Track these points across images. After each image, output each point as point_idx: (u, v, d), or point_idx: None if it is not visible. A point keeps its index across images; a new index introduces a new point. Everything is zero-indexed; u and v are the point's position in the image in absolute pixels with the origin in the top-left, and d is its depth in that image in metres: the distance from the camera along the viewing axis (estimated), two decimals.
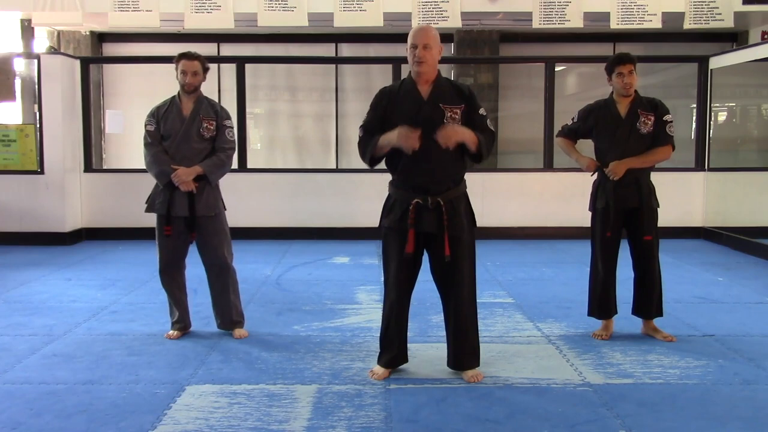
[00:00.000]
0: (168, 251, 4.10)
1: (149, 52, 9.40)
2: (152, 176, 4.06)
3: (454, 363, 3.48)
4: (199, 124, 4.03)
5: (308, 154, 10.17)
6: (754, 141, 9.45)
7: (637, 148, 3.99)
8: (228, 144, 4.11)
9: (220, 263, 4.12)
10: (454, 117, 3.31)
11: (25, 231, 7.57)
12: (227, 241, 4.15)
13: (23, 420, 2.95)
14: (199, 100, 4.08)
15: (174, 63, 4.06)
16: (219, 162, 4.06)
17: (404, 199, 3.35)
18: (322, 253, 7.09)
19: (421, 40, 3.28)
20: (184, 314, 4.19)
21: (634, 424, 2.92)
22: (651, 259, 4.07)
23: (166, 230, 4.01)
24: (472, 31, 9.51)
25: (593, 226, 4.15)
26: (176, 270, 4.17)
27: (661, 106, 4.04)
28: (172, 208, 4.00)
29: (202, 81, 4.08)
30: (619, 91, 4.04)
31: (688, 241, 7.72)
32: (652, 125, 3.98)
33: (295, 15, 7.54)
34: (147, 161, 4.06)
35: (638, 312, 4.18)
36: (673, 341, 4.04)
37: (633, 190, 4.01)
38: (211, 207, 4.07)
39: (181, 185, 3.96)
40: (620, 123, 4.02)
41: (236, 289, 4.22)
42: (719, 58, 7.98)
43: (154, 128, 4.05)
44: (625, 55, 4.03)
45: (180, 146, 4.01)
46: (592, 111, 4.16)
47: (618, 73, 4.01)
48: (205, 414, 3.02)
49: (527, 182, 8.17)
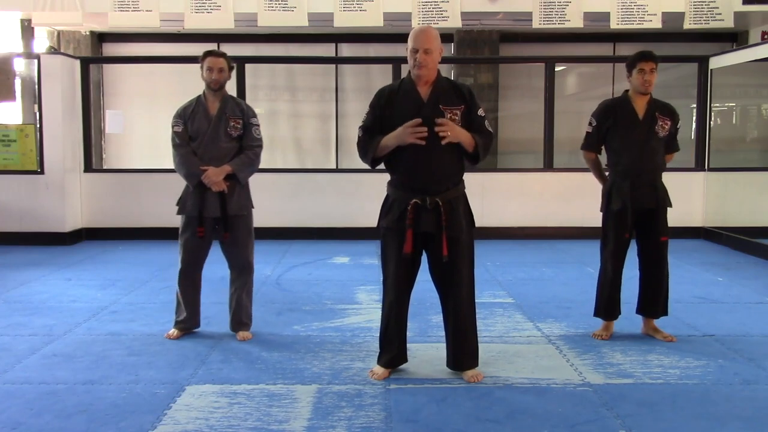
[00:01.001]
0: (194, 252, 4.09)
1: (149, 52, 9.40)
2: (182, 178, 4.06)
3: (454, 363, 3.48)
4: (226, 123, 4.02)
5: (308, 154, 10.17)
6: (754, 141, 9.45)
7: (654, 150, 4.00)
8: (256, 142, 4.10)
9: (243, 263, 4.13)
10: (454, 118, 3.31)
11: (25, 231, 7.57)
12: (252, 241, 4.17)
13: (23, 420, 2.95)
14: (224, 98, 4.07)
15: (199, 61, 4.05)
16: (248, 160, 4.05)
17: (403, 199, 3.35)
18: (322, 253, 7.09)
19: (422, 44, 3.28)
20: (192, 315, 4.18)
21: (634, 424, 2.92)
22: (662, 260, 4.07)
23: (199, 231, 4.00)
24: (472, 31, 9.51)
25: (605, 227, 4.12)
26: (198, 271, 4.16)
27: (676, 113, 4.09)
28: (203, 209, 3.99)
29: (227, 78, 4.07)
30: (637, 89, 4.00)
31: (688, 241, 7.72)
32: (668, 130, 4.02)
33: (295, 15, 7.54)
34: (176, 162, 4.05)
35: (643, 311, 4.16)
36: (673, 341, 4.04)
37: (650, 191, 4.00)
38: (243, 206, 4.08)
39: (212, 186, 3.95)
40: (637, 124, 4.00)
41: (250, 291, 4.22)
42: (719, 58, 7.98)
43: (182, 129, 4.04)
44: (649, 53, 4.01)
45: (208, 146, 4.00)
46: (610, 109, 4.09)
47: (639, 70, 3.96)
48: (205, 414, 3.02)
49: (527, 182, 8.16)
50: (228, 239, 4.07)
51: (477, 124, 3.37)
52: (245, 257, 4.13)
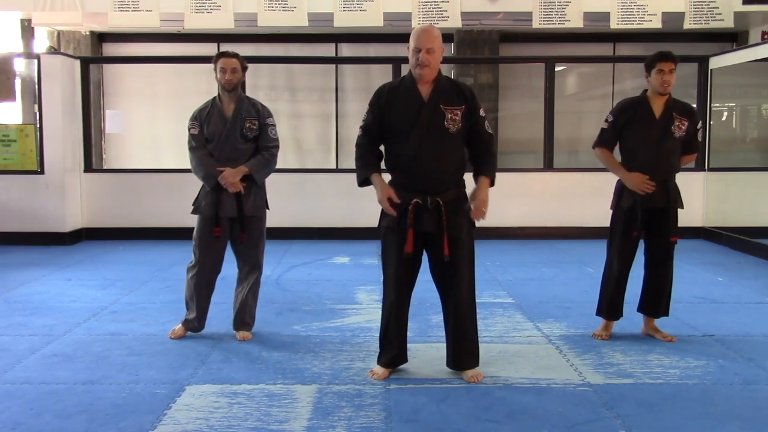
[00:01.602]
0: (211, 254, 4.07)
1: (149, 52, 9.40)
2: (199, 179, 4.06)
3: (454, 363, 3.48)
4: (242, 124, 4.01)
5: (308, 154, 10.17)
6: (754, 141, 9.45)
7: (669, 150, 3.98)
8: (272, 143, 4.10)
9: (254, 263, 4.14)
10: (455, 118, 3.31)
11: (25, 231, 7.56)
12: (263, 242, 4.18)
13: (23, 420, 2.95)
14: (240, 99, 4.06)
15: (212, 63, 4.05)
16: (264, 161, 4.06)
17: (404, 199, 3.35)
18: (322, 253, 7.09)
19: (425, 43, 3.27)
20: (201, 316, 4.16)
21: (634, 424, 2.92)
22: (668, 260, 4.06)
23: (216, 231, 4.00)
24: (472, 31, 9.51)
25: (614, 224, 4.10)
26: (215, 274, 4.15)
27: (695, 113, 4.08)
28: (219, 209, 3.99)
29: (241, 79, 4.06)
30: (656, 89, 3.97)
31: (688, 241, 7.70)
32: (685, 130, 3.99)
33: (295, 15, 7.54)
34: (193, 165, 4.05)
35: (645, 310, 4.15)
36: (673, 341, 4.04)
37: (661, 190, 3.97)
38: (259, 207, 4.09)
39: (229, 187, 3.95)
40: (654, 123, 3.97)
41: (256, 292, 4.21)
42: (719, 58, 7.98)
43: (198, 131, 4.04)
44: (668, 53, 3.99)
45: (224, 148, 4.00)
46: (628, 107, 4.05)
47: (659, 70, 3.93)
48: (205, 414, 3.02)
49: (527, 182, 8.16)
50: (245, 240, 4.07)
51: (478, 126, 3.38)
52: (256, 258, 4.14)
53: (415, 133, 3.31)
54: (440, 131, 3.31)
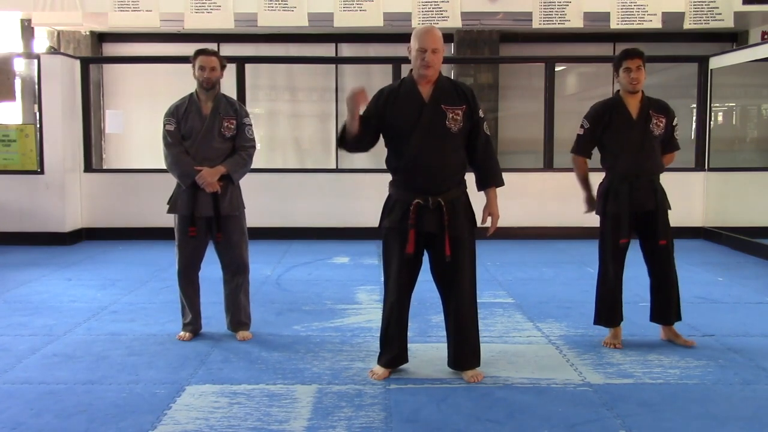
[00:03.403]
0: (189, 253, 4.07)
1: (149, 52, 9.40)
2: (174, 178, 4.03)
3: (455, 363, 3.48)
4: (219, 123, 3.99)
5: (308, 154, 10.17)
6: (754, 141, 9.46)
7: (650, 150, 3.90)
8: (249, 143, 4.08)
9: (238, 263, 4.12)
10: (456, 118, 3.31)
11: (25, 231, 7.56)
12: (246, 241, 4.15)
13: (23, 420, 2.95)
14: (217, 98, 4.04)
15: (191, 60, 4.01)
16: (242, 161, 4.04)
17: (405, 199, 3.35)
18: (322, 253, 7.09)
19: (430, 44, 3.27)
20: (197, 317, 4.17)
21: (634, 424, 2.92)
22: (668, 264, 3.95)
23: (191, 231, 3.98)
24: (472, 31, 9.51)
25: (603, 231, 4.00)
26: (195, 272, 4.14)
27: (670, 110, 3.98)
28: (195, 208, 3.97)
29: (219, 77, 4.03)
30: (625, 87, 3.90)
31: (688, 241, 7.71)
32: (663, 128, 3.92)
33: (295, 15, 7.54)
34: (168, 162, 4.01)
35: (658, 319, 4.04)
36: (694, 345, 3.95)
37: (649, 193, 3.89)
38: (236, 206, 4.06)
39: (206, 186, 3.93)
40: (632, 124, 3.89)
41: (247, 291, 4.21)
42: (719, 58, 7.98)
43: (174, 128, 4.00)
44: (633, 50, 3.89)
45: (201, 146, 3.97)
46: (604, 111, 3.97)
47: (625, 68, 3.86)
48: (205, 414, 3.02)
49: (527, 182, 8.15)
50: (221, 240, 4.05)
51: (477, 127, 3.38)
52: (240, 257, 4.11)
53: (417, 134, 3.31)
54: (442, 131, 3.31)
